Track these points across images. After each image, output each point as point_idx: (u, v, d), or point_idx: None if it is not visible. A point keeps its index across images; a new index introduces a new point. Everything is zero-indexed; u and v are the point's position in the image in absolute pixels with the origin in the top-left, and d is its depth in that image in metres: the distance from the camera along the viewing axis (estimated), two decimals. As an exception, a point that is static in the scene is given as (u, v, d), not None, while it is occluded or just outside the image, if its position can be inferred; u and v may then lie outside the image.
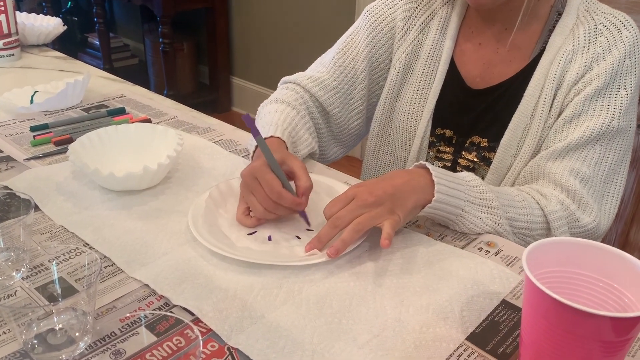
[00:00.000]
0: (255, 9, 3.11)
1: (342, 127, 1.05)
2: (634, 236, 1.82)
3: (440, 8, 0.97)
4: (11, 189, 0.84)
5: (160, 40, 3.00)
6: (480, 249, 0.75)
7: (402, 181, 0.75)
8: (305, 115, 0.97)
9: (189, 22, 3.44)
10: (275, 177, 0.75)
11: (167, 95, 2.89)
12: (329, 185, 0.86)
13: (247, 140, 1.05)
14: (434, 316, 0.63)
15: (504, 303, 0.65)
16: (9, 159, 0.95)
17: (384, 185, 0.74)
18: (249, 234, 0.77)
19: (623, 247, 1.85)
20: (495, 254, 0.74)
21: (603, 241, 1.99)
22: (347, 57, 1.01)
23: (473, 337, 0.60)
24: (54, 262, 0.66)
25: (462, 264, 0.72)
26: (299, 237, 0.76)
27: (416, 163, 0.79)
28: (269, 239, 0.76)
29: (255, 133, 0.75)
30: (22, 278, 0.64)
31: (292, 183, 0.79)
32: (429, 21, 0.98)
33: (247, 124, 0.75)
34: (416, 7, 0.98)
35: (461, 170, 0.96)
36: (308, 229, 0.78)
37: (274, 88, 1.05)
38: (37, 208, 0.81)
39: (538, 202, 0.83)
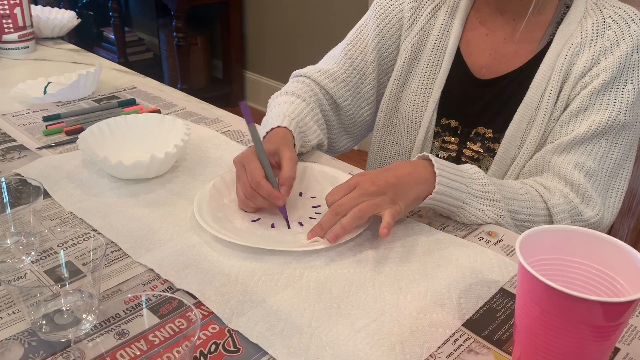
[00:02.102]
0: (269, 3, 3.12)
1: (353, 118, 1.06)
2: (645, 232, 1.81)
3: None
4: (22, 176, 0.86)
5: (175, 34, 3.02)
6: (481, 238, 0.76)
7: (404, 172, 0.75)
8: (315, 107, 0.98)
9: (203, 17, 3.46)
10: (259, 165, 0.76)
11: (181, 89, 2.91)
12: (333, 175, 0.87)
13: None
14: (432, 303, 0.64)
15: (501, 291, 0.66)
16: (21, 147, 0.98)
17: (386, 176, 0.75)
18: (252, 221, 0.78)
19: (635, 243, 1.83)
20: (496, 243, 0.75)
21: (614, 237, 1.96)
22: (357, 49, 1.02)
23: (469, 324, 0.61)
24: (62, 247, 0.68)
25: (461, 252, 0.72)
26: (301, 224, 0.78)
27: (419, 154, 0.80)
28: (272, 226, 0.77)
29: (249, 120, 0.77)
30: (32, 261, 0.66)
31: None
32: (436, 11, 0.98)
33: (242, 110, 0.77)
34: None
35: (466, 161, 0.97)
36: (311, 217, 0.79)
37: (287, 82, 1.06)
38: (48, 195, 0.83)
39: (541, 195, 0.83)
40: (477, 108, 0.96)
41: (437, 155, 0.99)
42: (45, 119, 1.08)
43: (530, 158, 0.90)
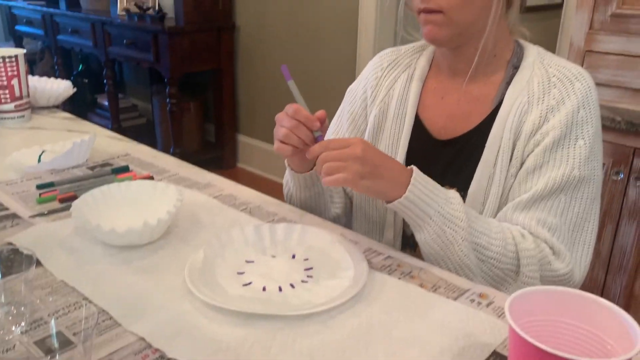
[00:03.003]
0: (261, 70, 3.22)
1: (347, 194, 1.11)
2: (638, 288, 1.81)
3: (404, 71, 1.05)
4: (15, 245, 0.86)
5: (168, 100, 3.09)
6: (473, 300, 0.76)
7: (391, 166, 0.84)
8: None
9: (196, 83, 3.55)
10: (300, 105, 0.88)
11: (174, 154, 2.95)
12: (326, 239, 0.88)
13: (246, 194, 1.09)
14: (425, 367, 0.63)
15: (494, 354, 0.66)
16: (14, 216, 0.98)
17: (376, 156, 0.82)
18: (244, 285, 0.78)
19: (628, 301, 1.83)
20: (487, 305, 0.75)
21: (607, 295, 1.94)
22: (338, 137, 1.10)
23: (464, 388, 0.61)
24: (52, 316, 0.68)
25: (454, 315, 0.73)
26: (292, 286, 0.78)
27: (413, 167, 0.85)
28: (264, 289, 0.77)
29: (288, 78, 0.90)
30: (21, 332, 0.66)
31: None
32: (394, 82, 1.05)
33: (283, 71, 0.90)
34: (382, 75, 1.06)
35: None
36: (303, 280, 0.80)
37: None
38: (39, 263, 0.83)
39: (514, 238, 0.86)
40: (439, 168, 0.99)
41: None
42: (39, 187, 1.09)
43: (494, 215, 0.93)
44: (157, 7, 3.26)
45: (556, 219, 0.87)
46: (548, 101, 0.89)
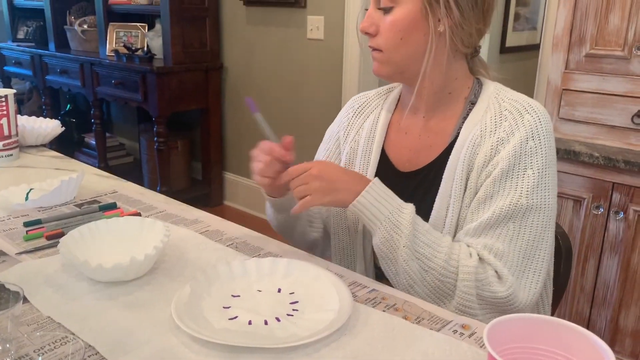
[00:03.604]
0: (247, 109, 3.25)
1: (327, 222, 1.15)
2: (623, 322, 1.83)
3: (372, 111, 1.12)
4: (1, 282, 0.86)
5: (155, 139, 3.11)
6: (455, 331, 0.78)
7: (349, 178, 0.94)
8: None
9: (184, 121, 3.59)
10: (271, 142, 0.97)
11: (161, 192, 2.95)
12: (312, 273, 0.89)
13: (233, 230, 1.10)
14: (409, 397, 0.64)
15: (477, 383, 0.67)
16: (1, 253, 0.98)
17: (335, 173, 0.94)
18: (230, 319, 0.79)
19: (614, 334, 1.84)
20: (470, 335, 0.77)
21: (592, 328, 1.96)
22: None
23: (447, 418, 0.62)
24: (39, 352, 0.68)
25: (437, 347, 0.74)
26: (278, 320, 0.79)
27: (374, 179, 0.94)
28: (249, 323, 0.78)
29: (254, 110, 1.01)
30: (7, 368, 0.66)
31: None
32: (363, 122, 1.12)
33: (248, 104, 1.00)
34: (353, 115, 1.13)
35: None
36: (288, 314, 0.81)
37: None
38: (26, 300, 0.83)
39: (459, 254, 0.90)
40: (404, 198, 1.01)
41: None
42: (26, 224, 1.09)
43: None
44: (145, 48, 3.32)
45: (504, 245, 0.90)
46: (499, 134, 0.94)
